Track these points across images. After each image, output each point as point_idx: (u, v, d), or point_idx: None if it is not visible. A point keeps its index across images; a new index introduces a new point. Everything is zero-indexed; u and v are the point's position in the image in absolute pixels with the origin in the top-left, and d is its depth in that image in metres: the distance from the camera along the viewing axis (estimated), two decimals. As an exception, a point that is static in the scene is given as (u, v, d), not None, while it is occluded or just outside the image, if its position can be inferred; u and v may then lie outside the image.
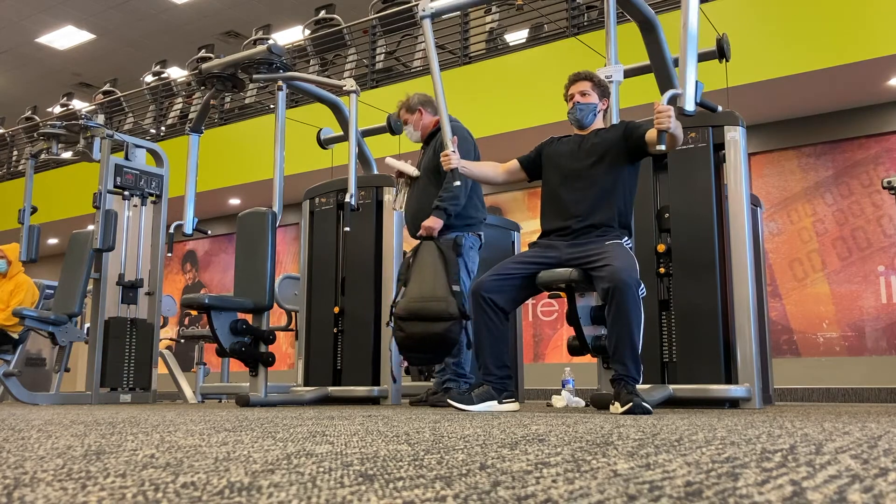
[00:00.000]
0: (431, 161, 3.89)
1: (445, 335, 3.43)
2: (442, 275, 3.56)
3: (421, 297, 3.50)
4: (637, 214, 3.57)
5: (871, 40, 5.93)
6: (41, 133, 5.60)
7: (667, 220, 3.73)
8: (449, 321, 3.42)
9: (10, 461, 1.04)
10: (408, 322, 3.47)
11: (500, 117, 7.41)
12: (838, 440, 1.42)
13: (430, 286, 3.52)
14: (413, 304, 3.49)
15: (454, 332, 3.44)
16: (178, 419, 2.32)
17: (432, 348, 3.50)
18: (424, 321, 3.45)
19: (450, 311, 3.43)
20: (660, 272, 3.68)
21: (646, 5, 3.93)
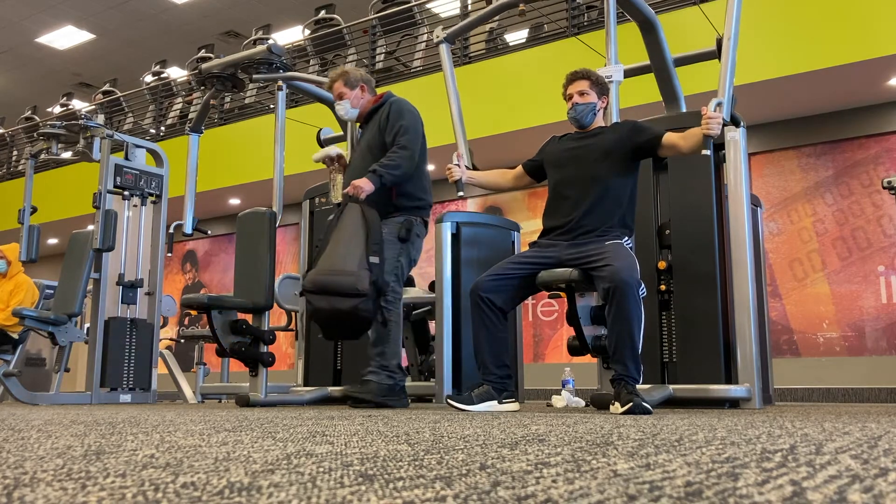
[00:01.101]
0: (376, 137, 3.67)
1: (354, 312, 3.18)
2: (359, 244, 3.28)
3: (330, 269, 3.24)
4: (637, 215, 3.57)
5: (871, 40, 5.93)
6: (41, 133, 5.60)
7: (667, 221, 3.73)
8: (357, 298, 3.16)
9: (10, 461, 1.04)
10: (314, 296, 3.23)
11: (500, 117, 7.41)
12: (838, 440, 1.42)
13: (342, 257, 3.25)
14: (320, 276, 3.24)
15: (365, 309, 3.19)
16: (178, 419, 2.32)
17: (344, 325, 3.26)
18: (330, 296, 3.19)
19: (359, 287, 3.17)
20: (660, 269, 3.68)
21: (646, 5, 3.93)
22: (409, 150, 3.56)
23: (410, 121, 3.63)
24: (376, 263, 3.27)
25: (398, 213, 3.58)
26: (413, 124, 3.64)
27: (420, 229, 3.67)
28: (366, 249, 3.27)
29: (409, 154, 3.54)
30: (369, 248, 3.29)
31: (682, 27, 6.30)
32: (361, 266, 3.22)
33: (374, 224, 3.37)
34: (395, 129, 3.62)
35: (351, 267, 3.22)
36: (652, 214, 3.75)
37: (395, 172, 3.51)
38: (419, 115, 3.75)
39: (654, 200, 3.77)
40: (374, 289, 3.23)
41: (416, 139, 3.63)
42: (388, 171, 3.48)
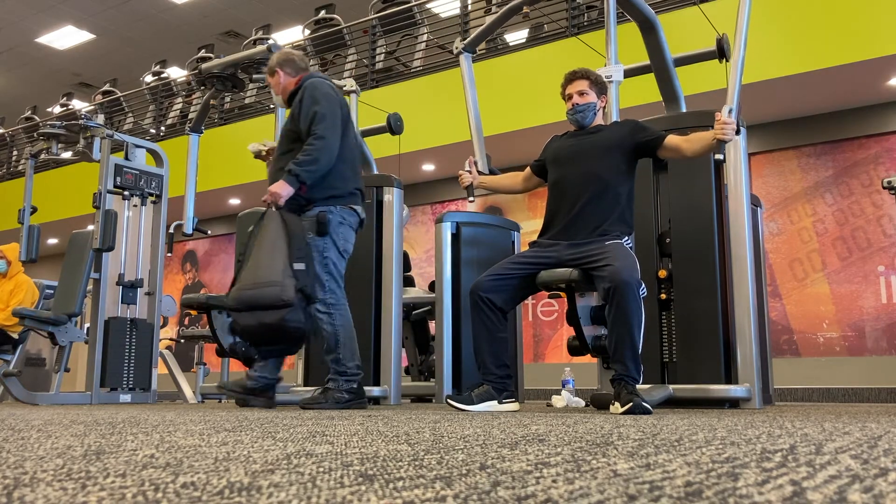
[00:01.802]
0: (288, 125, 3.45)
1: (282, 325, 3.04)
2: (281, 253, 3.11)
3: (253, 282, 3.08)
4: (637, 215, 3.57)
5: (871, 40, 5.93)
6: (41, 133, 5.60)
7: (667, 225, 3.73)
8: (283, 309, 3.02)
9: (10, 461, 1.04)
10: (240, 314, 3.09)
11: (500, 117, 7.41)
12: (838, 440, 1.42)
13: (265, 268, 3.09)
14: (243, 291, 3.09)
15: (293, 320, 3.05)
16: (178, 419, 2.32)
17: (275, 340, 3.12)
18: (256, 310, 3.05)
19: (283, 298, 3.02)
20: (660, 276, 3.68)
21: (646, 5, 3.93)
22: (327, 139, 3.28)
23: (325, 106, 3.33)
24: (302, 270, 3.11)
25: (312, 205, 3.34)
26: (329, 109, 3.34)
27: (342, 215, 3.38)
28: (289, 257, 3.11)
29: (325, 144, 3.27)
30: (293, 255, 3.13)
31: (682, 27, 6.30)
32: (286, 275, 3.06)
33: (295, 229, 3.20)
34: (309, 117, 3.32)
35: (274, 277, 3.05)
36: (652, 215, 3.75)
37: (313, 168, 3.25)
38: (338, 99, 3.44)
39: (654, 201, 3.77)
40: (302, 297, 3.07)
41: (333, 126, 3.33)
42: (305, 169, 3.24)
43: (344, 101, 3.49)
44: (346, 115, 3.45)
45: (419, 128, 7.14)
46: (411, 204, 8.46)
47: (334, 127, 3.33)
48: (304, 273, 3.10)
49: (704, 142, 3.02)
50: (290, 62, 3.55)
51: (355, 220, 3.46)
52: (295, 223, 3.21)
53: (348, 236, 3.41)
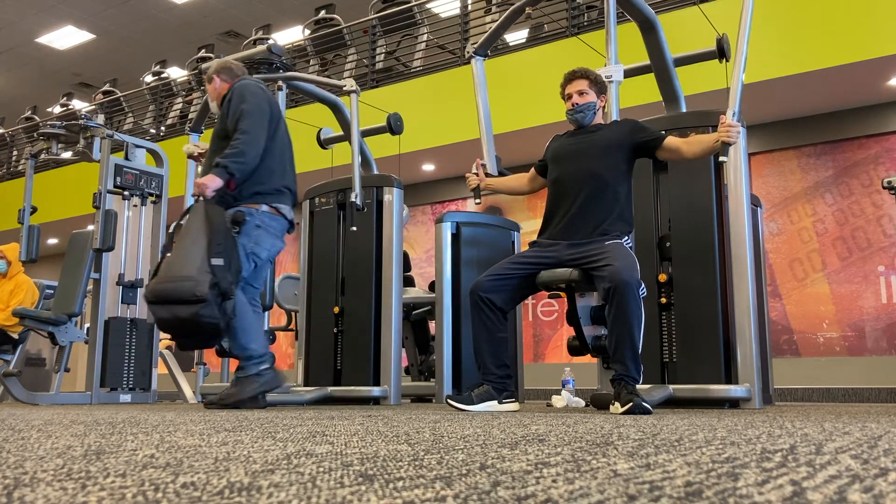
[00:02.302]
0: (218, 125, 3.47)
1: (196, 320, 3.02)
2: (200, 246, 3.10)
3: (169, 276, 3.08)
4: (637, 215, 3.57)
5: (871, 40, 5.93)
6: (41, 133, 5.60)
7: (668, 224, 3.73)
8: (197, 304, 3.00)
9: (10, 461, 1.04)
10: (155, 306, 3.10)
11: (500, 117, 7.39)
12: (838, 440, 1.42)
13: (182, 263, 3.08)
14: (159, 284, 3.08)
15: (207, 315, 3.02)
16: (178, 419, 2.32)
17: (190, 334, 3.11)
18: (170, 304, 3.04)
19: (197, 293, 2.99)
20: (660, 280, 3.68)
21: (646, 5, 3.93)
22: (251, 133, 3.30)
23: (252, 103, 3.36)
24: (220, 266, 3.08)
25: (238, 203, 3.34)
26: (255, 106, 3.36)
27: (263, 219, 3.36)
28: (208, 251, 3.08)
29: (250, 138, 3.28)
30: (212, 250, 3.10)
31: (682, 27, 6.30)
32: (202, 270, 3.04)
33: (217, 224, 3.18)
34: (236, 115, 3.36)
35: (189, 272, 3.04)
36: (652, 215, 3.75)
37: (240, 160, 3.25)
38: (265, 97, 3.47)
39: (654, 201, 3.77)
40: (217, 293, 3.04)
41: (258, 122, 3.35)
42: (233, 161, 3.24)
43: (274, 100, 3.53)
44: (277, 114, 3.50)
45: (419, 128, 7.14)
46: (411, 204, 8.46)
47: (260, 123, 3.36)
48: (223, 268, 3.09)
49: (704, 144, 3.02)
50: (227, 69, 3.62)
51: (279, 225, 3.43)
52: (217, 217, 3.21)
53: (262, 241, 3.36)
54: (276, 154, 3.44)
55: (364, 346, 4.47)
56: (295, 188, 3.54)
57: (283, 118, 3.56)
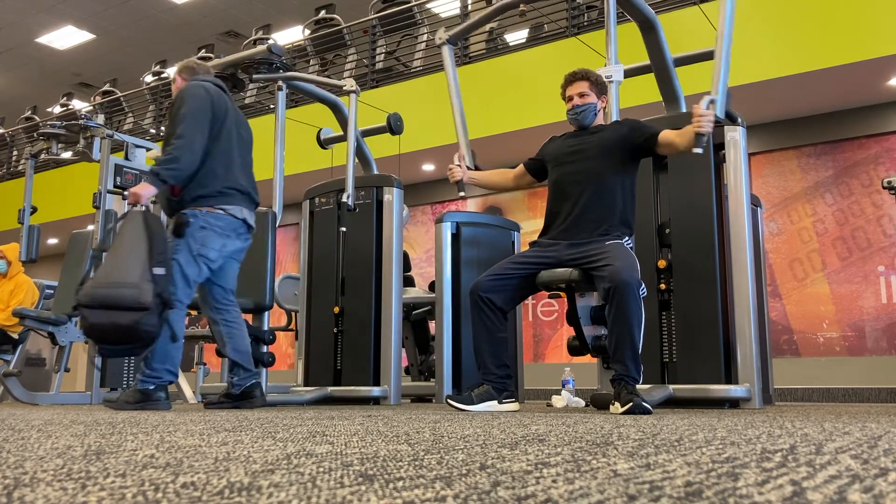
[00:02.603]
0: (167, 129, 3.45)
1: (135, 328, 3.01)
2: (141, 254, 3.08)
3: (108, 281, 3.06)
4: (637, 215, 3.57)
5: (871, 40, 5.93)
6: (41, 133, 5.60)
7: (667, 221, 3.73)
8: (140, 311, 3.00)
9: (10, 461, 1.04)
10: (91, 310, 3.05)
11: (500, 117, 7.41)
12: (838, 440, 1.42)
13: (122, 269, 3.06)
14: (98, 288, 3.06)
15: (148, 323, 3.02)
16: (178, 419, 2.32)
17: (123, 341, 3.09)
18: (110, 310, 3.01)
19: (141, 300, 2.99)
20: (659, 266, 3.68)
21: (646, 5, 3.93)
22: (186, 137, 3.26)
23: (191, 106, 3.32)
24: (161, 275, 3.09)
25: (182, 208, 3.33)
26: (194, 109, 3.32)
27: (208, 220, 3.32)
28: (148, 260, 3.08)
29: (185, 142, 3.24)
30: (153, 259, 3.10)
31: (682, 27, 6.30)
32: (144, 278, 3.03)
33: (157, 232, 3.18)
34: (176, 119, 3.33)
35: (133, 279, 3.02)
36: (652, 214, 3.75)
37: (173, 166, 3.21)
38: (207, 98, 3.39)
39: (654, 201, 3.77)
40: (159, 302, 3.05)
41: (194, 125, 3.30)
42: (166, 168, 3.20)
43: (221, 101, 3.45)
44: (221, 115, 3.42)
45: (419, 128, 7.14)
46: (411, 204, 8.46)
47: (196, 125, 3.31)
48: (164, 278, 3.10)
49: (690, 134, 2.98)
50: (188, 69, 3.61)
51: (226, 223, 3.38)
52: (157, 226, 3.21)
53: (208, 241, 3.33)
54: (219, 156, 3.38)
55: (364, 346, 4.47)
56: (247, 187, 3.47)
57: (231, 118, 3.47)
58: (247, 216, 3.45)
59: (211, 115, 3.37)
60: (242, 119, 3.63)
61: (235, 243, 3.45)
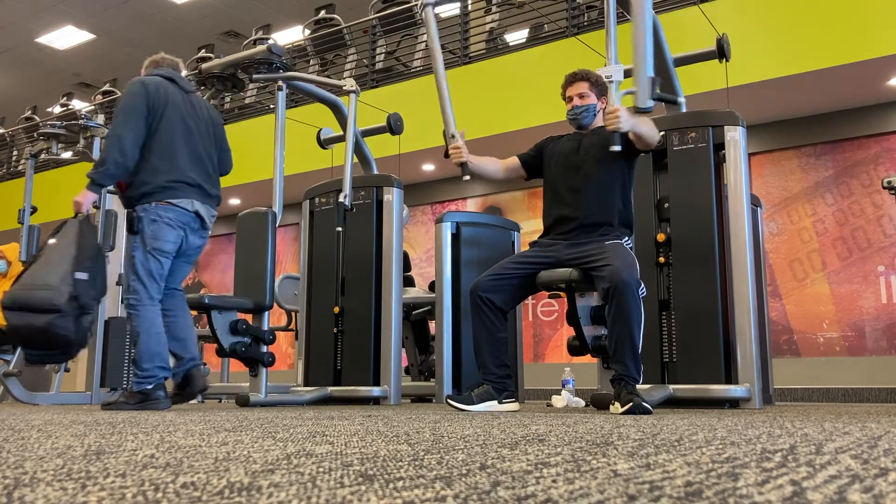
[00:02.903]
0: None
1: (48, 329, 3.02)
2: (67, 259, 3.11)
3: (28, 283, 3.10)
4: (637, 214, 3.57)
5: (871, 40, 5.93)
6: (41, 133, 5.60)
7: (667, 219, 3.73)
8: (52, 314, 3.01)
9: (10, 461, 1.04)
10: (10, 312, 3.09)
11: (500, 117, 7.41)
12: (838, 440, 1.42)
13: (44, 272, 3.09)
14: (17, 290, 3.10)
15: (60, 326, 3.02)
16: (178, 419, 2.32)
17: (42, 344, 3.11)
18: (25, 311, 3.04)
19: (55, 302, 3.01)
20: (659, 262, 3.67)
21: (646, 5, 3.92)
22: (113, 137, 3.27)
23: (123, 103, 3.32)
24: (83, 280, 3.10)
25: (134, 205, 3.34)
26: (124, 106, 3.31)
27: (158, 213, 3.31)
28: (73, 265, 3.10)
29: (113, 142, 3.24)
30: (78, 264, 3.13)
31: (682, 27, 6.30)
32: (64, 281, 3.05)
33: (89, 241, 3.24)
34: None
35: (51, 281, 3.05)
36: (652, 214, 3.75)
37: (102, 169, 3.23)
38: (142, 92, 3.35)
39: (653, 200, 3.77)
40: (77, 306, 3.05)
41: (124, 122, 3.29)
42: (96, 171, 3.24)
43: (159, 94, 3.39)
44: (160, 108, 3.37)
45: (419, 128, 7.14)
46: (411, 204, 8.46)
47: (124, 123, 3.29)
48: (85, 283, 3.11)
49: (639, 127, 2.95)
50: (152, 63, 3.61)
51: (177, 215, 3.34)
52: (90, 235, 3.27)
53: (160, 234, 3.31)
54: (159, 150, 3.34)
55: (364, 346, 4.47)
56: (197, 179, 3.43)
57: (174, 111, 3.40)
58: (199, 209, 3.42)
59: (145, 110, 3.32)
60: (201, 111, 3.57)
61: (191, 239, 3.44)
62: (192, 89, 3.64)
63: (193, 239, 3.46)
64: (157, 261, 3.31)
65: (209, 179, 3.51)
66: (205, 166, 3.51)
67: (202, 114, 3.57)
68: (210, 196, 3.50)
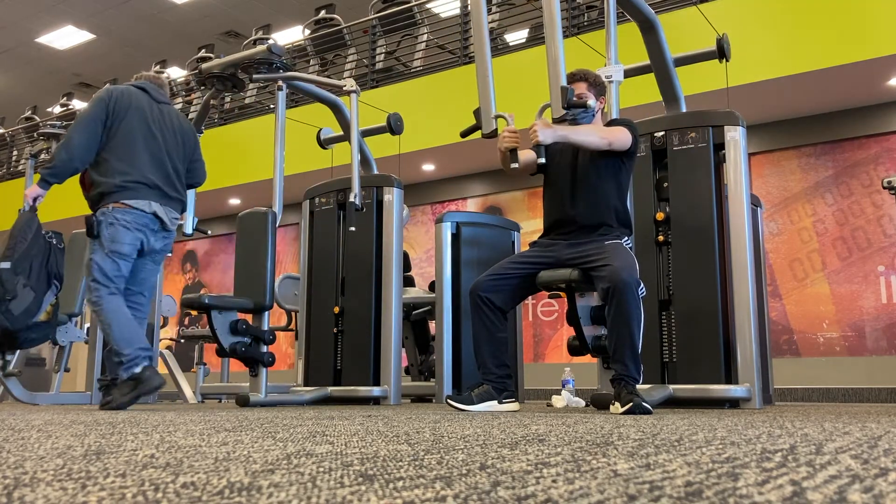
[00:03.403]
0: None
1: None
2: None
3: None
4: (637, 213, 3.57)
5: (871, 40, 5.93)
6: (41, 133, 5.60)
7: (667, 218, 3.73)
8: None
9: (10, 461, 1.04)
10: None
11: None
12: (838, 440, 1.42)
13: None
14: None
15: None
16: (178, 419, 2.32)
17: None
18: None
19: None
20: (658, 240, 3.67)
21: (646, 5, 3.93)
22: (65, 137, 3.39)
23: (85, 108, 3.46)
24: (6, 269, 3.28)
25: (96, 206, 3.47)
26: (85, 111, 3.45)
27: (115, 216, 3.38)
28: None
29: (63, 142, 3.38)
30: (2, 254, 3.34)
31: (682, 27, 6.30)
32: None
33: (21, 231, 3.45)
34: None
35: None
36: (652, 214, 3.75)
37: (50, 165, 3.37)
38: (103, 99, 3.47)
39: (653, 201, 3.77)
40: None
41: (78, 125, 3.41)
42: (44, 168, 3.39)
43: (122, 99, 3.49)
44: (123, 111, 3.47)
45: (419, 128, 7.14)
46: (411, 204, 8.46)
47: (78, 125, 3.40)
48: (8, 272, 3.31)
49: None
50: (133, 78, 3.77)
51: (133, 217, 3.41)
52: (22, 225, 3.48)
53: (117, 236, 3.38)
54: (117, 151, 3.42)
55: (364, 346, 4.47)
56: (156, 181, 3.49)
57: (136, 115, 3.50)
58: (157, 209, 3.48)
59: (104, 115, 3.43)
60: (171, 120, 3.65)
61: (152, 241, 3.51)
62: (165, 101, 3.72)
63: (154, 241, 3.53)
64: (115, 262, 3.39)
65: (170, 182, 3.58)
66: (166, 170, 3.57)
67: (171, 123, 3.66)
68: (170, 198, 3.57)
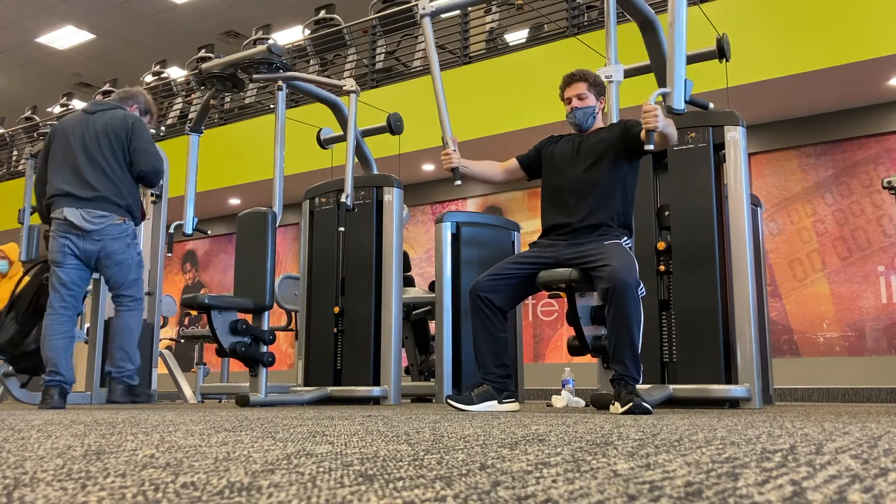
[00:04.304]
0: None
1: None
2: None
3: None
4: (637, 214, 3.57)
5: (871, 40, 5.93)
6: (41, 133, 5.59)
7: (667, 219, 3.73)
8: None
9: (10, 461, 1.04)
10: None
11: (500, 117, 7.41)
12: (838, 440, 1.42)
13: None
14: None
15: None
16: (178, 419, 2.32)
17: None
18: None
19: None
20: (660, 270, 3.68)
21: (646, 5, 3.93)
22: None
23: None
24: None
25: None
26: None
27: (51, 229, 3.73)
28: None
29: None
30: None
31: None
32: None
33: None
34: None
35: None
36: (651, 214, 3.75)
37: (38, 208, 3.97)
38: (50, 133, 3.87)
39: (653, 200, 3.77)
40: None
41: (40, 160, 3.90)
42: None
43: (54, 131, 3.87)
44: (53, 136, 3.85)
45: (419, 128, 7.14)
46: (411, 204, 8.46)
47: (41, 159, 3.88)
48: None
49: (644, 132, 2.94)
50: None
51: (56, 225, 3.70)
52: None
53: (51, 246, 3.71)
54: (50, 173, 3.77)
55: (364, 346, 4.47)
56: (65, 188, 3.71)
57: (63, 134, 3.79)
58: (66, 214, 3.67)
59: (46, 152, 3.82)
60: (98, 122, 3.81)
61: (81, 244, 3.71)
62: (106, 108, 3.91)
63: (85, 244, 3.72)
64: (55, 270, 3.68)
65: (84, 184, 3.73)
66: (81, 175, 3.74)
67: (97, 125, 3.81)
68: (85, 199, 3.72)
